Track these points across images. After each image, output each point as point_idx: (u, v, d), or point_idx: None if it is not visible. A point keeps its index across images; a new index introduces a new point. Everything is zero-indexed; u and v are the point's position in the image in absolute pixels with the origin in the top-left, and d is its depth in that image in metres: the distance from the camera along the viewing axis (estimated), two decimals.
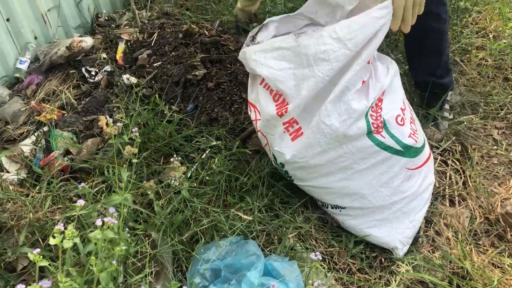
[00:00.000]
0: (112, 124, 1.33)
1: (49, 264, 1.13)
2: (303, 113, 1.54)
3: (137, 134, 1.39)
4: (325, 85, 1.47)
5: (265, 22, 1.74)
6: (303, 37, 1.48)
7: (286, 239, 1.61)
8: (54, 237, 1.03)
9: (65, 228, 1.07)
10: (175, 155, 1.62)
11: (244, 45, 1.70)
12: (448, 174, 1.91)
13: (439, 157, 1.98)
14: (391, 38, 2.62)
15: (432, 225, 1.73)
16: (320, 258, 1.24)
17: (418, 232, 1.69)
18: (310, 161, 1.58)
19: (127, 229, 1.45)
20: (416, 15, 1.43)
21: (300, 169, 1.64)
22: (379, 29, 1.37)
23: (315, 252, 1.25)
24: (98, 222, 1.05)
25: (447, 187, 1.86)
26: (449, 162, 1.95)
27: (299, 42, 1.47)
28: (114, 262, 1.09)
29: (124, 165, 1.41)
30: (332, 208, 1.72)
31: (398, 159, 1.55)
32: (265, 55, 1.55)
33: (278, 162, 1.69)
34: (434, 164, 1.94)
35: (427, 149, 1.66)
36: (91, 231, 1.14)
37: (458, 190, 1.85)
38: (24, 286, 1.02)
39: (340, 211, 1.69)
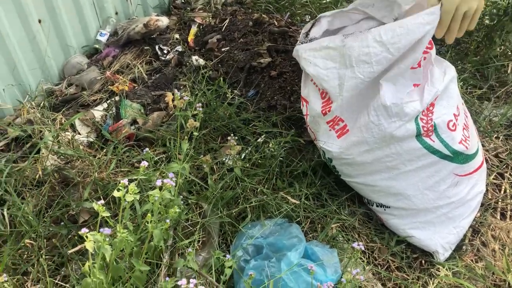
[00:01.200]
0: (179, 98, 1.43)
1: (108, 217, 1.25)
2: (348, 112, 1.58)
3: (200, 109, 1.48)
4: (367, 86, 1.50)
5: (317, 17, 1.77)
6: (349, 38, 1.51)
7: (329, 228, 1.66)
8: (118, 190, 1.14)
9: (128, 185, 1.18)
10: (232, 135, 1.70)
11: (298, 42, 1.75)
12: (503, 187, 1.88)
13: (496, 170, 1.94)
14: (461, 46, 2.58)
15: (479, 235, 1.71)
16: (362, 249, 1.28)
17: (463, 240, 1.68)
18: (356, 158, 1.62)
19: (181, 196, 1.56)
20: (465, 29, 1.38)
21: (347, 165, 1.68)
22: (423, 35, 1.37)
23: (358, 243, 1.28)
24: (158, 183, 1.15)
25: (500, 200, 1.83)
26: (506, 175, 1.91)
27: (345, 43, 1.50)
28: (167, 221, 1.19)
29: (186, 138, 1.50)
30: (377, 206, 1.74)
31: (447, 164, 1.55)
32: (314, 53, 1.60)
33: (326, 156, 1.74)
34: (490, 176, 1.91)
35: (479, 157, 1.64)
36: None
37: (511, 204, 1.81)
38: (87, 230, 1.14)
39: (385, 209, 1.72)
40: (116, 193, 1.13)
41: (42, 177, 1.81)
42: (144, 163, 1.21)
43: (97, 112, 2.18)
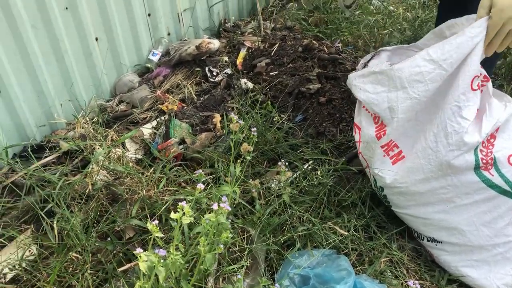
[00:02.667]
0: (235, 121, 1.43)
1: (159, 238, 1.24)
2: (404, 137, 1.55)
3: (255, 134, 1.48)
4: (423, 107, 1.48)
5: (378, 50, 1.78)
6: (397, 64, 1.52)
7: (378, 263, 1.61)
8: (176, 211, 1.14)
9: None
10: (282, 160, 1.69)
11: (355, 70, 1.75)
12: None
13: None
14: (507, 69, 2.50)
15: None
16: (418, 287, 1.23)
17: None
18: (410, 187, 1.57)
19: (229, 220, 1.55)
20: (506, 46, 1.39)
21: (399, 194, 1.64)
22: (473, 48, 1.37)
23: (413, 281, 1.23)
24: (215, 207, 1.14)
25: None
26: None
27: (392, 66, 1.50)
28: (221, 245, 1.18)
29: (238, 161, 1.50)
30: (428, 240, 1.68)
31: (506, 200, 1.49)
32: (363, 79, 1.61)
33: (378, 185, 1.70)
34: None
35: None
36: (200, 215, 1.25)
37: None
38: (142, 250, 1.14)
39: (436, 245, 1.65)
40: (173, 215, 1.13)
41: (92, 192, 1.84)
42: (200, 185, 1.20)
43: (146, 130, 2.21)
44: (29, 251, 1.78)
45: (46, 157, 2.06)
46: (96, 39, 2.27)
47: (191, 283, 1.24)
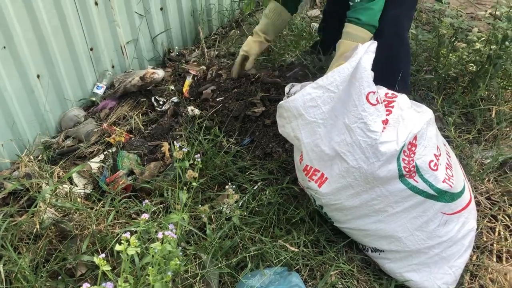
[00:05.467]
0: (178, 149, 1.46)
1: (108, 271, 1.24)
2: (320, 161, 1.66)
3: (200, 160, 1.51)
4: (327, 131, 1.62)
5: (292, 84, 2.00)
6: (292, 94, 1.73)
7: (329, 276, 1.66)
8: (120, 244, 1.15)
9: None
10: (230, 184, 1.73)
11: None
12: (497, 229, 1.90)
13: (490, 212, 1.97)
14: (447, 91, 2.67)
15: (477, 278, 1.72)
16: None
17: (462, 284, 1.69)
18: (344, 202, 1.66)
19: (179, 248, 1.56)
20: None
21: (337, 210, 1.72)
22: (352, 71, 1.55)
23: None
24: (160, 235, 1.16)
25: (495, 243, 1.85)
26: (499, 217, 1.94)
27: (287, 99, 1.66)
28: (169, 273, 1.19)
29: (184, 188, 1.52)
30: (372, 251, 1.76)
31: (432, 203, 1.59)
32: (276, 114, 1.77)
33: (317, 204, 1.78)
34: (484, 219, 1.94)
35: (466, 195, 1.68)
36: (148, 246, 1.26)
37: (506, 246, 1.83)
38: (89, 285, 1.14)
39: (379, 254, 1.73)
40: (118, 247, 1.14)
41: (40, 230, 1.81)
42: (145, 215, 1.22)
43: (94, 164, 2.20)
44: None
45: None
46: (38, 76, 2.25)
47: None
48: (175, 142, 2.27)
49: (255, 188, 1.94)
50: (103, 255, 1.20)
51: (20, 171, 2.00)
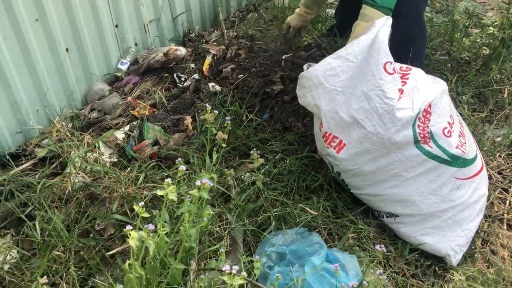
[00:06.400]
0: (209, 111, 1.55)
1: (146, 218, 1.33)
2: (339, 128, 1.75)
3: (229, 122, 1.60)
4: (346, 99, 1.70)
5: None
6: (312, 65, 1.83)
7: (347, 237, 1.75)
8: (161, 190, 1.24)
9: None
10: (254, 149, 1.81)
11: None
12: (508, 200, 1.98)
13: (501, 185, 2.05)
14: (460, 74, 2.74)
15: (488, 244, 1.80)
16: (385, 250, 1.37)
17: (473, 249, 1.77)
18: (362, 168, 1.75)
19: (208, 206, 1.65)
20: None
21: (354, 176, 1.81)
22: (370, 42, 1.66)
23: (380, 245, 1.38)
24: (198, 183, 1.25)
25: (506, 213, 1.93)
26: (510, 190, 2.02)
27: (309, 69, 1.77)
28: (205, 219, 1.28)
29: (214, 150, 1.60)
30: (387, 217, 1.84)
31: (446, 168, 1.68)
32: (297, 86, 1.90)
33: (334, 171, 1.86)
34: (495, 191, 2.02)
35: (478, 162, 1.77)
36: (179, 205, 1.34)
37: None
38: (131, 227, 1.23)
39: (394, 219, 1.82)
40: (159, 192, 1.23)
41: (71, 192, 1.90)
42: (182, 167, 1.31)
43: (119, 134, 2.29)
44: (10, 254, 1.82)
45: (22, 164, 2.11)
46: (67, 49, 2.34)
47: (178, 260, 1.33)
48: (198, 115, 2.36)
49: (276, 157, 2.03)
50: (142, 203, 1.29)
51: (52, 137, 2.09)
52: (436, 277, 1.70)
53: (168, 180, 1.22)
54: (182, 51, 2.65)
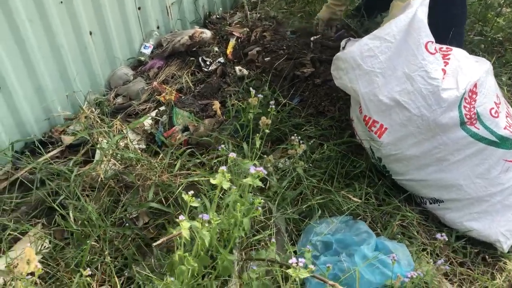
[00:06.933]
0: (253, 95, 1.48)
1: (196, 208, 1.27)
2: (378, 112, 1.67)
3: (273, 106, 1.53)
4: (386, 82, 1.62)
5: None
6: (348, 45, 1.76)
7: (393, 225, 1.69)
8: (214, 178, 1.18)
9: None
10: (295, 135, 1.74)
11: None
12: None
13: None
14: (493, 55, 2.65)
15: None
16: (446, 239, 1.31)
17: None
18: (405, 152, 1.68)
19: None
20: None
21: (396, 161, 1.74)
22: (409, 21, 1.58)
23: (441, 233, 1.32)
24: (252, 170, 1.19)
25: None
26: None
27: (346, 49, 1.69)
28: (259, 207, 1.22)
29: (257, 136, 1.54)
30: (431, 203, 1.78)
31: (494, 150, 1.61)
32: (332, 67, 1.82)
33: (375, 156, 1.80)
34: None
35: None
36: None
37: None
38: (183, 217, 1.17)
39: (439, 205, 1.76)
40: (213, 181, 1.17)
41: (103, 181, 1.85)
42: (233, 154, 1.25)
43: (147, 121, 2.23)
44: (42, 244, 1.77)
45: (49, 151, 2.05)
46: (90, 33, 2.27)
47: (228, 249, 1.28)
48: (226, 100, 2.29)
49: (312, 142, 1.96)
50: (192, 191, 1.22)
51: (80, 123, 2.03)
52: (486, 265, 1.64)
53: (223, 168, 1.15)
54: (207, 34, 2.57)
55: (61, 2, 2.07)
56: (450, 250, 1.69)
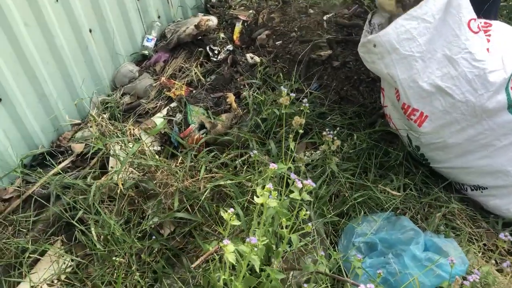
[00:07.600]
0: (285, 94, 1.35)
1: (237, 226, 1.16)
2: (418, 98, 1.54)
3: (307, 105, 1.41)
4: (425, 66, 1.49)
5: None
6: (374, 23, 1.60)
7: (435, 218, 1.59)
8: (257, 196, 1.06)
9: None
10: (327, 129, 1.62)
11: (364, 31, 1.71)
12: None
13: None
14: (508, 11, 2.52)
15: None
16: (511, 239, 1.22)
17: None
18: (448, 140, 1.57)
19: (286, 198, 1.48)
20: None
21: (437, 150, 1.63)
22: None
23: (504, 233, 1.22)
24: (299, 184, 1.08)
25: None
26: None
27: (378, 34, 1.51)
28: (309, 224, 1.12)
29: (290, 136, 1.42)
30: (472, 190, 1.68)
31: None
32: (362, 49, 1.63)
33: (413, 145, 1.68)
34: None
35: None
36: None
37: None
38: (229, 241, 1.07)
39: (482, 192, 1.66)
40: (257, 200, 1.05)
41: (123, 191, 1.73)
42: (274, 165, 1.13)
43: (158, 119, 2.09)
44: (64, 263, 1.67)
45: (60, 161, 1.93)
46: (90, 30, 2.12)
47: (275, 267, 1.18)
48: (240, 91, 2.16)
49: (342, 133, 1.84)
50: (232, 209, 1.11)
51: (92, 130, 1.90)
52: None
53: (270, 186, 1.04)
54: (214, 21, 2.41)
55: (57, 1, 1.91)
56: (497, 237, 1.59)
